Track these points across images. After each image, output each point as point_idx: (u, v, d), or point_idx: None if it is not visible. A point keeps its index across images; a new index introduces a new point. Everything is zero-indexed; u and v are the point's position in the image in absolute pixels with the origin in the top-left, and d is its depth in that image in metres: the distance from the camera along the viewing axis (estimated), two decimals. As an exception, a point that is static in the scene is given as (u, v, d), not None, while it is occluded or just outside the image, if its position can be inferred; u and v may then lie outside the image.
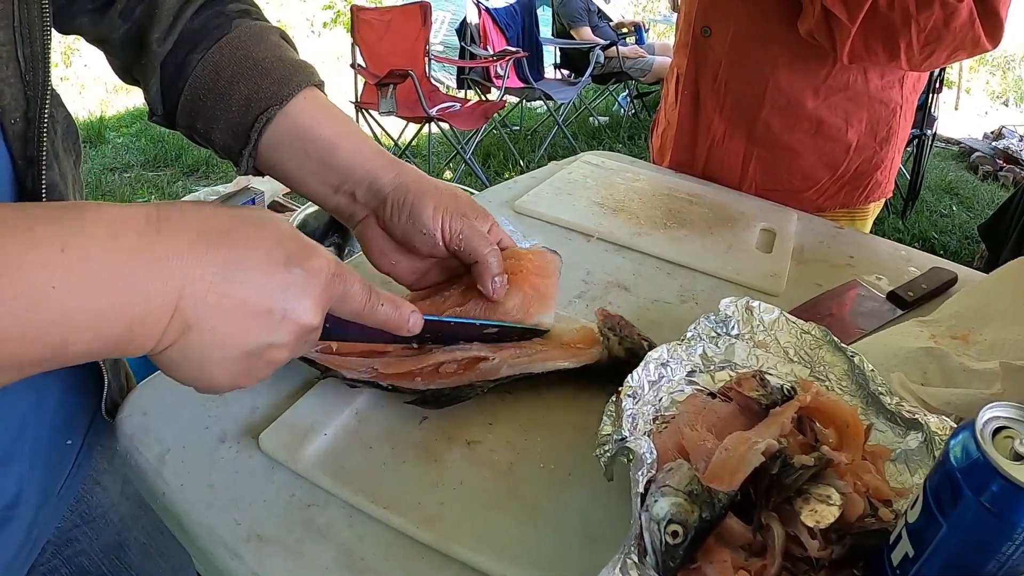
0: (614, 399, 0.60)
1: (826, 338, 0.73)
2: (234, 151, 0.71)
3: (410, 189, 0.71)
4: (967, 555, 0.47)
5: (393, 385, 0.69)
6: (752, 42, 1.24)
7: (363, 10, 4.60)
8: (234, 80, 0.69)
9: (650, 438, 0.58)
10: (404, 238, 0.73)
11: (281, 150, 0.71)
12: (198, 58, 0.69)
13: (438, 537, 0.59)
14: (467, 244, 0.72)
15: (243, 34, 0.71)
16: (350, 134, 0.73)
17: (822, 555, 0.52)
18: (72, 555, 0.81)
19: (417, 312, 0.60)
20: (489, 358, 0.71)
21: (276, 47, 0.72)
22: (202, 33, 0.70)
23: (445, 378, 0.70)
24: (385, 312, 0.58)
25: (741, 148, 1.32)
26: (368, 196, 0.73)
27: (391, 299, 0.59)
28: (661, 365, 0.66)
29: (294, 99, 0.69)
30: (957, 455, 0.47)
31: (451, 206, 0.72)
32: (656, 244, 1.05)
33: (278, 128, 0.70)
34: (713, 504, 0.50)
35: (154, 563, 0.91)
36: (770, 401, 0.62)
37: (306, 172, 0.72)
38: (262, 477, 0.64)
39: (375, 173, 0.72)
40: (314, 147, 0.71)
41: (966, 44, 1.08)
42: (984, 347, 0.82)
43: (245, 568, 0.57)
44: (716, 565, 0.50)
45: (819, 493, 0.53)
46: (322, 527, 0.60)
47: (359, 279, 0.56)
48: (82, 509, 0.81)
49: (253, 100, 0.69)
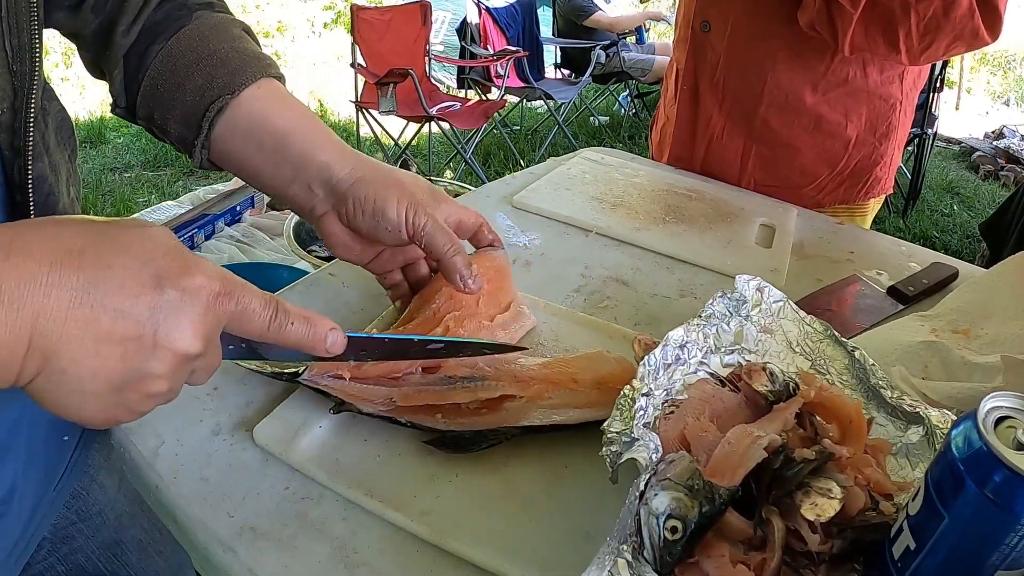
0: (626, 393, 0.59)
1: (827, 332, 0.73)
2: (188, 141, 0.70)
3: (371, 184, 0.70)
4: (970, 547, 0.47)
5: (412, 422, 0.66)
6: (751, 37, 1.23)
7: (363, 9, 4.59)
8: (190, 70, 0.68)
9: (655, 425, 0.57)
10: (369, 233, 0.71)
11: (234, 140, 0.70)
12: (157, 49, 0.69)
13: (433, 532, 0.58)
14: (429, 242, 0.70)
15: (202, 26, 0.70)
16: (304, 124, 0.71)
17: (823, 549, 0.52)
18: (69, 553, 0.80)
19: (337, 329, 0.55)
20: (516, 396, 0.68)
21: (235, 39, 0.71)
22: (164, 25, 0.69)
23: (467, 417, 0.67)
24: (296, 331, 0.52)
25: (740, 143, 1.32)
26: (326, 191, 0.71)
27: (303, 316, 0.53)
28: (679, 347, 0.65)
29: (248, 89, 0.68)
30: (959, 445, 0.46)
31: (414, 198, 0.70)
32: (655, 239, 1.05)
33: (231, 118, 0.69)
34: (713, 499, 0.50)
35: (152, 561, 0.91)
36: (776, 396, 0.62)
37: (260, 163, 0.71)
38: (256, 470, 0.64)
39: (330, 166, 0.70)
40: (267, 137, 0.69)
41: (965, 35, 1.07)
42: (985, 341, 0.82)
43: (239, 562, 0.57)
44: (714, 560, 0.49)
45: (820, 487, 0.52)
46: (316, 521, 0.60)
47: (259, 295, 0.50)
48: (79, 506, 0.81)
49: (206, 89, 0.68)
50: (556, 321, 0.82)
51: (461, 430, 0.65)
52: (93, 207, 3.95)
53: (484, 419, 0.66)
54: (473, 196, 1.19)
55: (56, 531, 0.79)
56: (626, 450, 0.53)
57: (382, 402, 0.66)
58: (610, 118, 6.14)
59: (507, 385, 0.68)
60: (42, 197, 0.63)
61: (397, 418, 0.66)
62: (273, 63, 0.72)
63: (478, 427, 0.66)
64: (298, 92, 5.35)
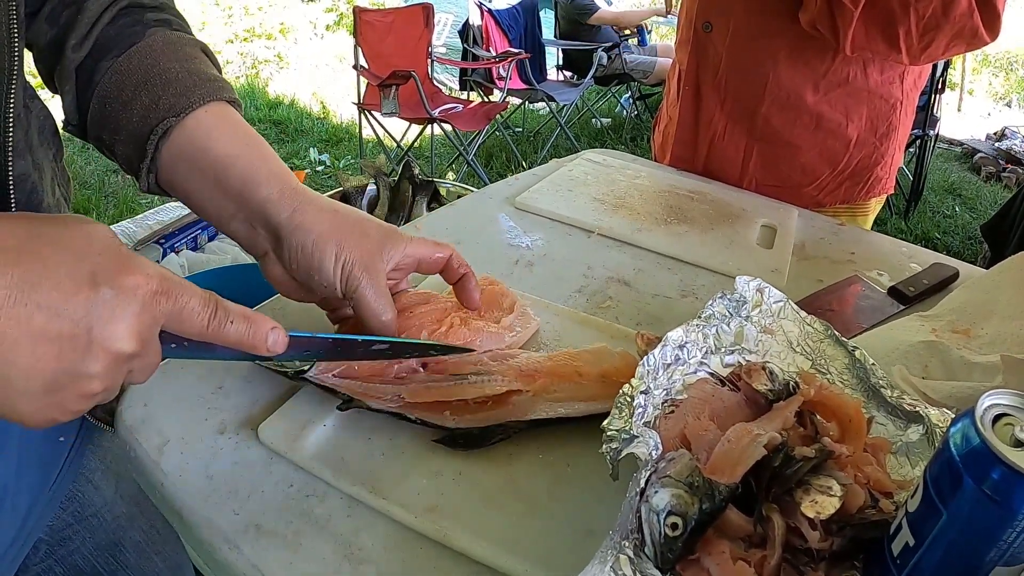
0: (625, 392, 0.59)
1: (827, 332, 0.73)
2: (134, 165, 0.67)
3: (310, 232, 0.65)
4: (968, 543, 0.47)
5: (421, 419, 0.65)
6: (753, 37, 1.24)
7: (365, 11, 4.60)
8: (137, 89, 0.65)
9: (655, 424, 0.58)
10: (304, 282, 0.68)
11: (179, 168, 0.66)
12: (107, 66, 0.66)
13: (437, 528, 0.59)
14: (359, 305, 0.66)
15: (155, 43, 0.67)
16: (248, 154, 0.67)
17: (823, 546, 0.52)
18: (66, 554, 0.80)
19: (279, 329, 0.54)
20: (522, 391, 0.68)
21: (188, 59, 0.68)
22: (116, 40, 0.66)
23: (475, 412, 0.67)
24: (236, 331, 0.51)
25: (742, 143, 1.32)
26: (266, 231, 0.67)
27: (243, 315, 0.52)
28: (679, 347, 0.65)
29: (193, 112, 0.65)
30: (957, 443, 0.46)
31: (355, 254, 0.65)
32: (657, 240, 1.05)
33: (175, 142, 0.65)
34: (713, 496, 0.50)
35: (151, 562, 0.91)
36: (776, 396, 0.62)
37: (203, 194, 0.67)
38: (261, 468, 0.64)
39: (268, 205, 0.65)
40: (208, 165, 0.65)
41: (964, 34, 1.08)
42: (985, 340, 0.82)
43: (243, 559, 0.57)
44: (715, 556, 0.50)
45: (820, 484, 0.53)
46: (321, 518, 0.60)
47: (199, 293, 0.49)
48: (75, 508, 0.80)
49: (152, 111, 0.64)
50: (558, 321, 0.82)
51: (469, 427, 0.66)
52: (96, 208, 3.97)
53: (491, 414, 0.67)
54: (475, 197, 1.19)
55: (53, 533, 0.78)
56: (625, 447, 0.53)
57: (391, 399, 0.66)
58: (612, 120, 6.14)
59: (513, 380, 0.68)
60: (24, 195, 0.63)
61: (407, 414, 0.65)
62: (227, 86, 0.69)
63: (486, 423, 0.66)
64: (300, 94, 5.37)
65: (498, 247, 1.02)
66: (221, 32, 7.61)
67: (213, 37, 7.37)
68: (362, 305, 0.66)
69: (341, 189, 2.24)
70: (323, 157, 4.94)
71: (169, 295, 0.47)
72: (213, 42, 7.22)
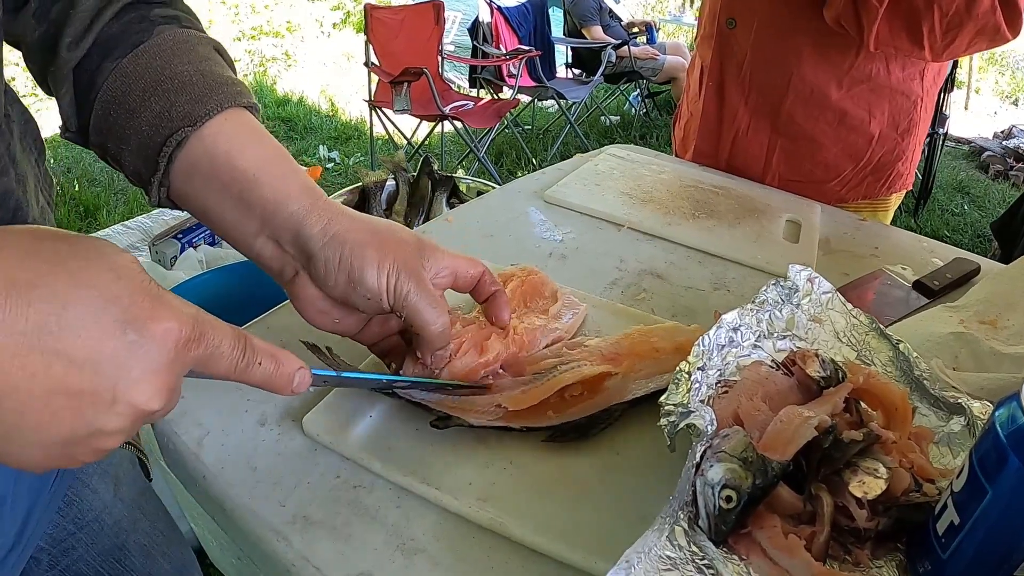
0: (682, 368, 0.61)
1: (872, 325, 0.74)
2: (144, 178, 0.60)
3: (346, 242, 0.59)
4: (1011, 522, 0.48)
5: (527, 427, 0.64)
6: (777, 33, 1.25)
7: (376, 9, 4.61)
8: (147, 95, 0.58)
9: (710, 403, 0.60)
10: (344, 299, 0.62)
11: (195, 181, 0.60)
12: (111, 67, 0.59)
13: (491, 518, 0.58)
14: (412, 315, 0.61)
15: (164, 43, 0.60)
16: (275, 166, 0.61)
17: (869, 526, 0.54)
18: (70, 564, 0.78)
19: (305, 368, 0.51)
20: (613, 374, 0.68)
21: (201, 60, 0.61)
22: (119, 39, 0.60)
23: (575, 405, 0.66)
24: (263, 371, 0.48)
25: (765, 139, 1.34)
26: (296, 248, 0.61)
27: (272, 354, 0.48)
28: (732, 330, 0.67)
29: (212, 120, 0.58)
30: (1003, 422, 0.48)
31: (398, 260, 0.60)
32: (686, 233, 1.07)
33: (191, 154, 0.59)
34: (766, 472, 0.52)
35: (157, 564, 0.88)
36: (826, 382, 0.63)
37: (223, 210, 0.60)
38: (305, 459, 0.64)
39: (300, 219, 0.59)
40: (231, 179, 0.59)
41: (987, 31, 1.09)
42: (1012, 332, 0.83)
43: (293, 551, 0.57)
44: (767, 530, 0.52)
45: (867, 466, 0.55)
46: (370, 508, 0.60)
47: (229, 335, 0.46)
48: (74, 514, 0.78)
49: (164, 119, 0.58)
50: (597, 313, 0.83)
51: (575, 419, 0.65)
52: (106, 205, 3.96)
53: (591, 403, 0.66)
54: (502, 192, 1.21)
55: (55, 543, 0.76)
56: (683, 420, 0.55)
57: (491, 411, 0.64)
58: (621, 117, 6.15)
59: (600, 362, 0.69)
60: (8, 213, 0.59)
61: (511, 425, 0.64)
62: (244, 90, 0.62)
63: (588, 412, 0.65)
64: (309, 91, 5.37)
65: (530, 240, 1.03)
66: (228, 30, 7.63)
67: (220, 35, 7.34)
68: (415, 313, 0.61)
69: (360, 184, 2.25)
70: (333, 154, 4.96)
71: (201, 341, 0.43)
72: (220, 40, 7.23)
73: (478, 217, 1.09)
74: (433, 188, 2.31)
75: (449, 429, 0.64)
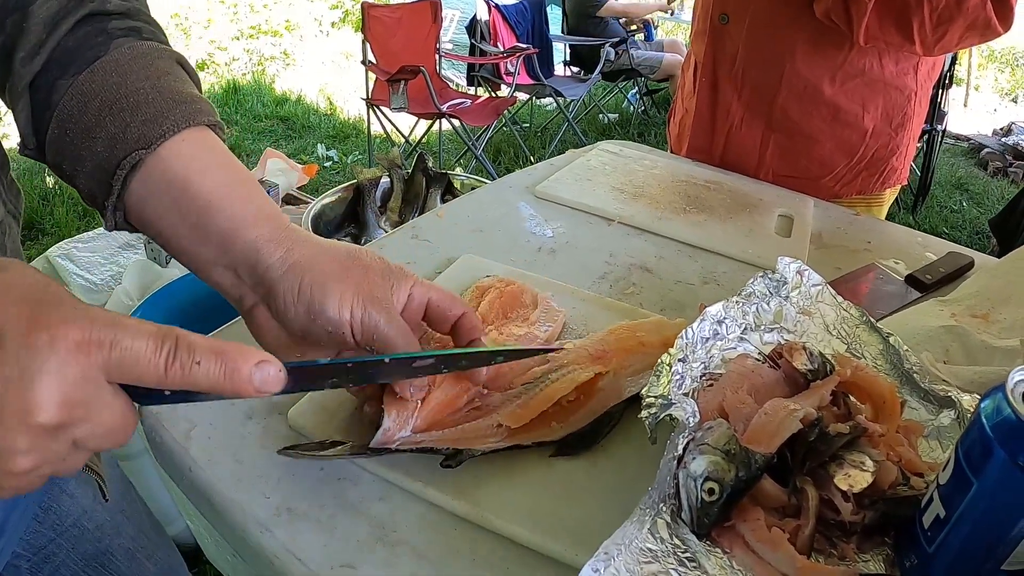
0: (664, 360, 0.60)
1: (863, 318, 0.74)
2: (98, 201, 0.57)
3: (307, 272, 0.55)
4: (997, 515, 0.48)
5: (535, 442, 0.63)
6: (769, 28, 1.25)
7: (374, 7, 4.60)
8: (102, 114, 0.55)
9: (694, 396, 0.59)
10: (304, 333, 0.57)
11: (150, 205, 0.56)
12: (66, 84, 0.56)
13: (474, 510, 0.59)
14: (383, 348, 0.56)
15: (122, 58, 0.57)
16: (233, 191, 0.57)
17: (855, 519, 0.53)
18: (52, 571, 0.77)
19: (268, 362, 0.44)
20: (606, 373, 0.67)
21: (160, 76, 0.57)
22: (75, 54, 0.57)
23: (576, 413, 0.65)
24: (206, 373, 0.42)
25: (759, 134, 1.33)
26: (253, 280, 0.56)
27: (215, 350, 0.42)
28: (717, 323, 0.67)
29: (168, 141, 0.55)
30: (989, 415, 0.48)
31: (362, 290, 0.56)
32: (677, 228, 1.07)
33: (146, 177, 0.55)
34: (750, 464, 0.51)
35: (142, 568, 0.88)
36: (814, 375, 0.63)
37: (180, 236, 0.56)
38: (291, 453, 0.64)
39: (258, 247, 0.55)
40: (187, 205, 0.55)
41: (978, 25, 1.09)
42: (1005, 325, 0.83)
43: (277, 543, 0.57)
44: (750, 523, 0.51)
45: (853, 459, 0.54)
46: (354, 501, 0.60)
47: (147, 334, 0.40)
48: (52, 520, 0.77)
49: (119, 140, 0.54)
50: (585, 307, 0.83)
51: (579, 429, 0.64)
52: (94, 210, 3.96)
53: (590, 406, 0.65)
54: (494, 187, 1.21)
55: (35, 550, 0.75)
56: (663, 411, 0.55)
57: (493, 432, 0.62)
58: (619, 115, 6.14)
59: (590, 364, 0.67)
60: None
61: (521, 443, 0.62)
62: (206, 108, 0.58)
63: (590, 418, 0.64)
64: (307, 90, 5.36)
65: (520, 235, 1.03)
66: (227, 29, 7.63)
67: (219, 34, 7.39)
68: (387, 346, 0.56)
69: (355, 181, 2.25)
70: (331, 153, 4.95)
71: (102, 344, 0.39)
72: (219, 39, 7.25)
73: (468, 212, 1.08)
74: (428, 185, 2.30)
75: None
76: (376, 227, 2.22)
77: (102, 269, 2.42)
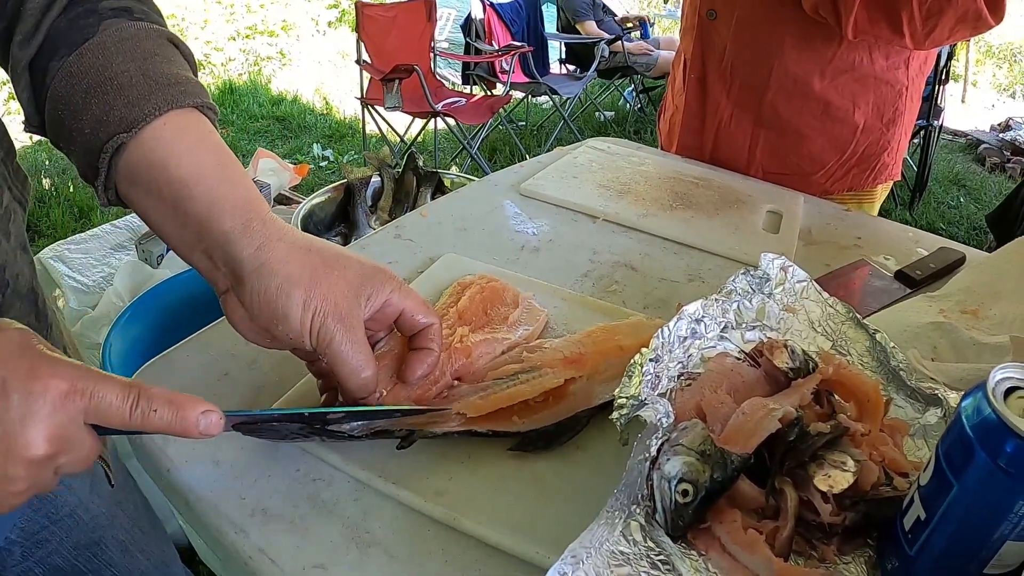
0: (636, 360, 0.59)
1: (849, 315, 0.73)
2: (90, 179, 0.58)
3: (275, 275, 0.56)
4: (979, 516, 0.47)
5: (493, 431, 0.63)
6: (758, 24, 1.24)
7: (368, 6, 4.59)
8: (88, 97, 0.56)
9: (671, 396, 0.58)
10: (267, 330, 0.59)
11: (135, 188, 0.57)
12: (57, 66, 0.57)
13: (446, 512, 0.59)
14: (334, 362, 0.58)
15: (109, 39, 0.57)
16: (212, 176, 0.57)
17: (835, 521, 0.52)
18: (44, 556, 0.79)
19: (212, 412, 0.51)
20: (577, 378, 0.66)
21: (146, 57, 0.58)
22: (65, 36, 0.58)
23: (540, 411, 0.64)
24: (162, 419, 0.49)
25: (748, 131, 1.32)
26: (227, 268, 0.58)
27: (170, 401, 0.49)
28: (695, 321, 0.65)
29: (150, 125, 0.55)
30: (969, 415, 0.46)
31: (327, 302, 0.57)
32: (663, 225, 1.05)
33: (131, 159, 0.56)
34: (726, 465, 0.50)
35: (135, 560, 0.90)
36: (796, 374, 0.62)
37: (162, 219, 0.58)
38: (268, 454, 0.64)
39: (232, 239, 0.56)
40: (167, 189, 0.56)
41: (968, 18, 1.07)
42: (994, 322, 0.82)
43: (250, 544, 0.57)
44: (726, 525, 0.50)
45: (834, 459, 0.53)
46: (328, 502, 0.60)
47: (117, 386, 0.48)
48: (48, 510, 0.79)
49: (103, 123, 0.55)
50: (566, 306, 0.82)
51: (542, 427, 0.63)
52: (99, 207, 3.95)
53: (557, 408, 0.65)
54: (481, 184, 1.19)
55: (27, 536, 0.77)
56: (634, 411, 0.54)
57: (453, 418, 0.62)
58: (615, 113, 6.13)
59: (563, 370, 0.66)
60: None
61: (478, 430, 0.62)
62: (193, 89, 0.59)
63: (556, 418, 0.64)
64: (303, 90, 5.36)
65: (504, 233, 1.02)
66: (224, 29, 7.61)
67: (216, 34, 7.37)
68: (338, 362, 0.58)
69: (345, 181, 2.24)
70: (327, 152, 4.94)
71: (83, 393, 0.47)
72: (215, 39, 7.23)
73: (453, 210, 1.07)
74: (418, 184, 2.29)
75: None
76: (366, 226, 2.21)
77: (94, 271, 2.41)
